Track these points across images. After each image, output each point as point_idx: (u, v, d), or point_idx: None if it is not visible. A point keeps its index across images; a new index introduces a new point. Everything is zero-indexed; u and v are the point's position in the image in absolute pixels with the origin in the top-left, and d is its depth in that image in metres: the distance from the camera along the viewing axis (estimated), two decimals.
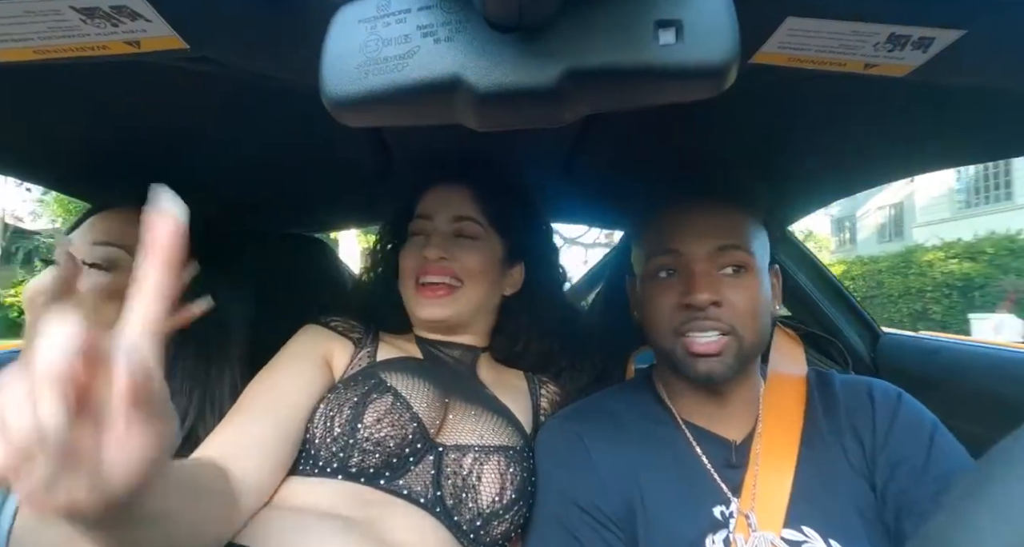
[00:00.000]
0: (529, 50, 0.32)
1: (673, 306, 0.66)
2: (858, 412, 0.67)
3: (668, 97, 0.35)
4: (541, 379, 0.88)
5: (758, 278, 0.66)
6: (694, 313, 0.65)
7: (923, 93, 0.59)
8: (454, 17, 0.33)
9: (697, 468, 0.67)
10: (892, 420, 0.65)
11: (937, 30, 0.41)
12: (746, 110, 0.67)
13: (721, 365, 0.65)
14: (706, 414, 0.70)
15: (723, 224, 0.67)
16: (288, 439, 0.65)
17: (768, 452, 0.67)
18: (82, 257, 0.70)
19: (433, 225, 0.81)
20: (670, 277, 0.68)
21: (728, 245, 0.66)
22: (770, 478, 0.65)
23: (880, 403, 0.67)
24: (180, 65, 0.48)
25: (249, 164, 0.89)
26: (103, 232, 0.73)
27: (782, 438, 0.68)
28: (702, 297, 0.64)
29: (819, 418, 0.68)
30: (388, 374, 0.73)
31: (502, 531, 0.67)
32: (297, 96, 0.49)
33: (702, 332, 0.65)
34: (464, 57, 0.33)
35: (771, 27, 0.41)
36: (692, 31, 0.32)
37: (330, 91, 0.34)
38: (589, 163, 0.91)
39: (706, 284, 0.64)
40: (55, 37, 0.41)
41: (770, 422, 0.69)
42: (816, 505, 0.62)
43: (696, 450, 0.69)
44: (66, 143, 0.78)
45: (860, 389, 0.70)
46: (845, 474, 0.64)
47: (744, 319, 0.65)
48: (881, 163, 0.86)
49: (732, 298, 0.65)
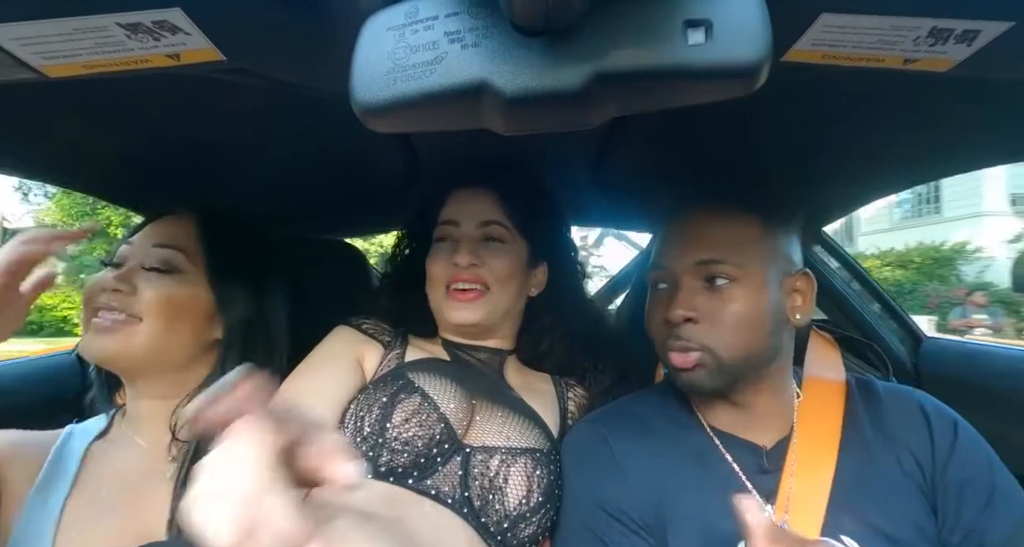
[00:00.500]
0: (556, 53, 0.32)
1: (660, 320, 0.67)
2: (911, 427, 0.65)
3: (698, 98, 0.35)
4: (568, 382, 0.87)
5: (753, 290, 0.64)
6: (671, 329, 0.65)
7: (966, 88, 0.56)
8: (481, 23, 0.33)
9: (727, 474, 0.66)
10: (952, 447, 0.63)
11: (982, 22, 0.39)
12: (777, 109, 0.65)
13: (700, 378, 0.64)
14: (733, 420, 0.69)
15: (712, 236, 0.65)
16: None
17: (804, 458, 0.65)
18: (142, 260, 0.73)
19: (461, 231, 0.82)
20: (662, 290, 0.69)
21: (708, 259, 0.64)
22: (806, 485, 0.63)
23: (936, 425, 0.65)
24: (216, 77, 0.50)
25: (280, 172, 0.91)
26: (162, 235, 0.76)
27: (819, 444, 0.66)
28: (676, 314, 0.64)
29: (863, 426, 0.66)
30: (416, 375, 0.74)
31: (529, 534, 0.67)
32: (327, 104, 0.51)
33: (677, 350, 0.65)
34: (491, 62, 0.33)
35: (804, 24, 0.40)
36: (722, 30, 0.31)
37: (360, 98, 0.35)
38: (615, 165, 0.90)
39: (684, 300, 0.64)
40: (102, 52, 0.43)
41: (805, 428, 0.67)
42: (857, 515, 0.60)
43: (726, 456, 0.67)
44: (110, 154, 0.82)
45: (910, 402, 0.67)
46: (899, 486, 0.62)
47: (722, 336, 0.63)
48: (920, 162, 0.83)
49: (713, 313, 0.63)
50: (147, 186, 0.97)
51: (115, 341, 0.69)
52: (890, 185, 0.95)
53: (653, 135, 0.76)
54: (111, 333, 0.69)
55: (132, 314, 0.69)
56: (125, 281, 0.70)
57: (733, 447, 0.68)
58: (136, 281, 0.71)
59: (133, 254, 0.74)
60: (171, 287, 0.72)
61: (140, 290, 0.71)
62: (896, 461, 0.63)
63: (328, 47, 0.42)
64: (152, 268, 0.72)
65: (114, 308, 0.69)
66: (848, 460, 0.64)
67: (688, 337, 0.64)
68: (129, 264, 0.73)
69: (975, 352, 1.13)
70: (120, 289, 0.70)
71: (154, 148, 0.80)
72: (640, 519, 0.64)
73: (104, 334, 0.69)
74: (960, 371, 1.10)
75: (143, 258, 0.73)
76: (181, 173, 0.91)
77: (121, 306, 0.69)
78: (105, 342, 0.69)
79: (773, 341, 0.66)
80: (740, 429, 0.69)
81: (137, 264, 0.73)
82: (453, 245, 0.81)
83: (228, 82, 0.52)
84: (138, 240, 0.76)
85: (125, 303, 0.69)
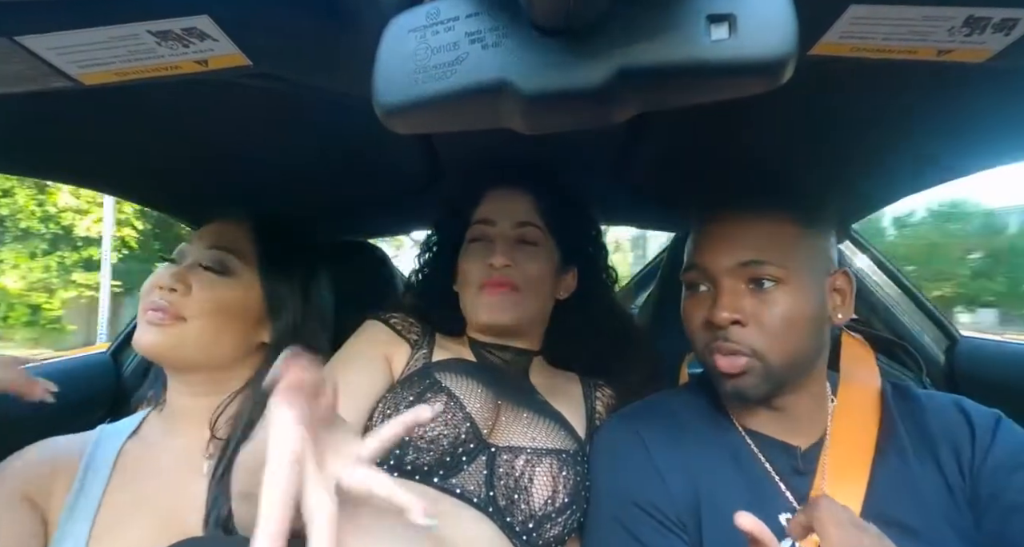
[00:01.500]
0: (577, 52, 0.32)
1: (701, 323, 0.65)
2: (955, 432, 0.63)
3: (722, 94, 0.34)
4: (596, 383, 0.87)
5: (798, 292, 0.62)
6: (716, 332, 0.63)
7: (1003, 79, 0.54)
8: (501, 23, 0.33)
9: (761, 474, 0.65)
10: (991, 445, 0.60)
11: (1021, 10, 0.38)
12: (804, 104, 0.64)
13: (748, 384, 0.62)
14: (767, 422, 0.68)
15: (752, 237, 0.63)
16: None
17: (837, 461, 0.63)
18: (197, 259, 0.76)
19: (497, 231, 0.82)
20: (700, 292, 0.66)
21: (753, 260, 0.62)
22: (840, 487, 0.61)
23: (980, 425, 0.62)
24: (242, 81, 0.51)
25: (303, 174, 0.93)
26: (217, 237, 0.78)
27: (854, 447, 0.64)
28: (722, 316, 0.61)
29: (899, 433, 0.64)
30: (442, 375, 0.74)
31: (555, 534, 0.67)
32: (349, 106, 0.51)
33: (724, 353, 0.62)
34: (512, 61, 0.33)
35: (832, 16, 0.39)
36: (746, 24, 0.31)
37: (382, 100, 0.35)
38: (639, 163, 0.89)
39: (729, 302, 0.62)
40: (134, 59, 0.44)
41: (840, 430, 0.66)
42: (892, 518, 0.58)
43: (759, 456, 0.66)
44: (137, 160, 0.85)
45: (947, 404, 0.65)
46: (938, 490, 0.60)
47: (770, 339, 0.61)
48: (955, 157, 0.80)
49: (760, 316, 0.61)
50: (176, 191, 1.00)
51: (166, 337, 0.71)
52: (921, 181, 0.92)
53: (676, 132, 0.75)
54: (161, 329, 0.71)
55: (181, 314, 0.71)
56: (180, 280, 0.73)
57: (767, 448, 0.66)
58: (191, 281, 0.73)
59: (190, 254, 0.77)
60: (223, 289, 0.74)
61: (194, 291, 0.73)
62: (937, 467, 0.61)
63: (351, 50, 0.43)
64: (207, 268, 0.75)
65: (165, 307, 0.71)
66: (884, 466, 0.62)
67: (736, 340, 0.62)
68: (186, 262, 0.76)
69: (1013, 351, 1.09)
70: (175, 288, 0.72)
71: (181, 154, 0.82)
72: (676, 517, 0.63)
73: (155, 329, 0.71)
74: (997, 372, 1.06)
75: (199, 258, 0.76)
76: (209, 178, 0.93)
77: (172, 305, 0.71)
78: (156, 337, 0.71)
79: (817, 343, 0.65)
80: (775, 430, 0.67)
81: (194, 262, 0.75)
82: (488, 245, 0.82)
83: (253, 86, 0.53)
84: (196, 240, 0.79)
85: (177, 302, 0.72)
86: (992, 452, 0.60)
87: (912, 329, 1.18)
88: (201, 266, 0.75)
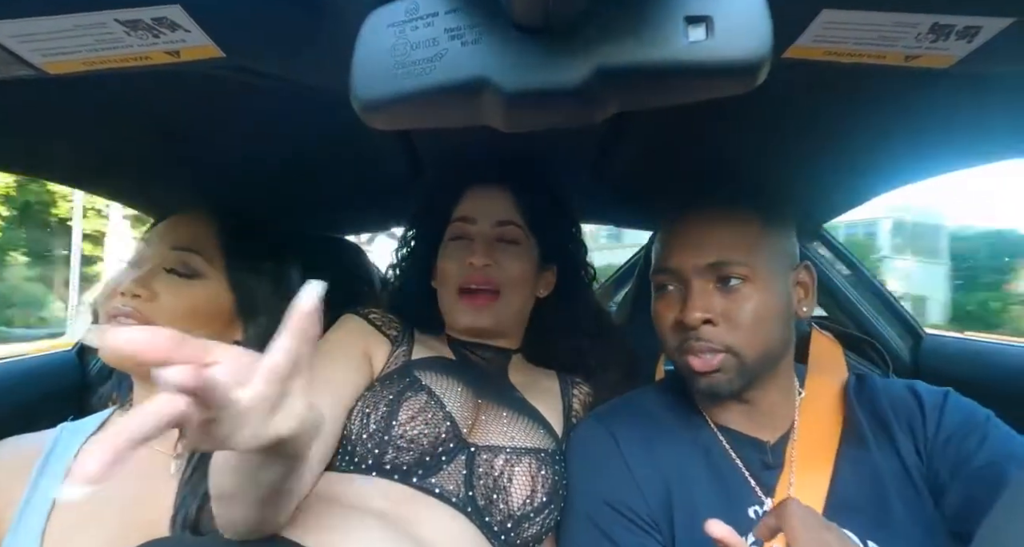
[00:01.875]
0: (556, 50, 0.32)
1: (672, 323, 0.66)
2: (908, 414, 0.65)
3: (699, 94, 0.35)
4: (573, 380, 0.87)
5: (764, 288, 0.64)
6: (688, 332, 0.64)
7: (967, 85, 0.56)
8: (481, 20, 0.33)
9: (731, 470, 0.66)
10: (941, 418, 0.63)
11: (983, 18, 0.39)
12: (778, 106, 0.65)
13: (723, 381, 0.64)
14: (738, 417, 0.69)
15: (719, 237, 0.65)
16: (330, 434, 0.67)
17: (804, 453, 0.66)
18: (160, 261, 0.71)
19: (476, 229, 0.82)
20: (669, 292, 0.68)
21: (721, 261, 0.64)
22: (806, 479, 0.64)
23: (929, 404, 0.65)
24: (216, 73, 0.50)
25: (279, 169, 0.91)
26: (179, 237, 0.74)
27: (819, 440, 0.66)
28: (694, 316, 0.63)
29: (861, 421, 0.66)
30: (422, 373, 0.74)
31: (533, 533, 0.67)
32: (327, 101, 0.51)
33: (698, 352, 0.64)
34: (491, 59, 0.33)
35: (805, 20, 0.40)
36: (723, 27, 0.31)
37: (360, 94, 0.35)
38: (617, 163, 0.90)
39: (699, 301, 0.63)
40: (101, 49, 0.43)
41: (806, 424, 0.68)
42: (858, 506, 0.61)
43: (730, 452, 0.68)
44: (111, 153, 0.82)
45: (904, 391, 0.68)
46: (898, 476, 0.62)
47: (743, 335, 0.63)
48: (921, 159, 0.83)
49: (730, 314, 0.63)
50: (148, 184, 0.97)
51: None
52: (888, 183, 0.95)
53: (654, 132, 0.76)
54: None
55: (149, 321, 0.68)
56: (144, 285, 0.69)
57: (738, 443, 0.68)
58: (155, 286, 0.69)
59: (151, 256, 0.73)
60: (191, 293, 0.71)
61: (161, 297, 0.69)
62: (895, 453, 0.63)
63: (328, 43, 0.42)
64: (171, 270, 0.71)
65: (130, 315, 0.67)
66: (846, 457, 0.64)
67: (709, 338, 0.63)
68: (147, 266, 0.72)
69: (976, 349, 1.13)
70: (139, 294, 0.68)
71: (154, 146, 0.80)
72: (647, 514, 0.64)
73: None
74: (962, 368, 1.10)
75: (161, 260, 0.72)
76: (182, 171, 0.91)
77: (138, 312, 0.68)
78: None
79: (785, 336, 0.67)
80: (745, 426, 0.69)
81: (156, 265, 0.71)
82: (467, 243, 0.81)
83: (228, 78, 0.52)
84: (154, 241, 0.74)
85: (143, 309, 0.68)
86: (943, 425, 0.62)
87: (879, 327, 1.22)
88: (164, 269, 0.71)
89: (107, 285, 0.71)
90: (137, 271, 0.71)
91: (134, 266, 0.73)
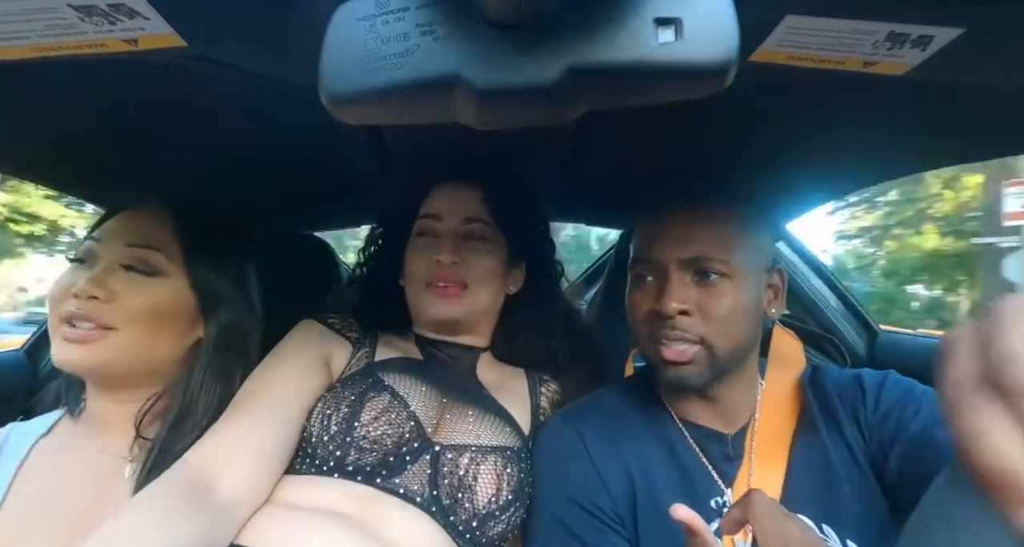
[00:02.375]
0: (529, 47, 0.32)
1: (647, 313, 0.67)
2: (852, 399, 0.68)
3: (667, 95, 0.35)
4: (542, 377, 0.88)
5: (739, 284, 0.66)
6: (663, 322, 0.65)
7: (922, 91, 0.59)
8: (453, 15, 0.33)
9: (694, 463, 0.68)
10: (879, 396, 0.66)
11: (936, 28, 0.41)
12: (745, 108, 0.67)
13: (692, 373, 0.65)
14: (702, 411, 0.71)
15: (702, 233, 0.66)
16: (287, 437, 0.65)
17: (762, 444, 0.68)
18: (116, 259, 0.68)
19: (443, 226, 0.81)
20: (647, 283, 0.69)
21: (702, 256, 0.65)
22: (764, 469, 0.66)
23: (869, 386, 0.68)
24: (179, 63, 0.48)
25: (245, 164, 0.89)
26: (136, 233, 0.70)
27: (776, 430, 0.69)
28: (671, 306, 0.64)
29: (814, 411, 0.69)
30: (386, 374, 0.73)
31: (498, 532, 0.67)
32: (295, 94, 0.49)
33: (672, 341, 0.65)
34: (463, 55, 0.33)
35: (770, 25, 0.41)
36: (692, 29, 0.32)
37: (329, 89, 0.34)
38: (588, 162, 0.91)
39: (677, 292, 0.65)
40: (52, 35, 0.41)
41: (765, 415, 0.70)
42: (811, 494, 0.63)
43: (692, 445, 0.69)
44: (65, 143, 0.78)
45: (850, 379, 0.71)
46: (846, 462, 0.64)
47: (717, 328, 0.65)
48: (879, 161, 0.86)
49: (706, 307, 0.65)
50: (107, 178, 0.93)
51: (94, 352, 0.64)
52: (850, 183, 0.98)
53: (623, 132, 0.77)
54: (86, 344, 0.64)
55: (108, 324, 0.65)
56: (101, 285, 0.65)
57: (700, 436, 0.70)
58: (113, 285, 0.66)
59: (105, 253, 0.69)
60: (152, 291, 0.68)
61: (121, 298, 0.65)
62: (843, 441, 0.66)
63: (296, 36, 0.41)
64: (129, 267, 0.68)
65: (86, 318, 0.64)
66: (801, 446, 0.67)
67: (684, 328, 0.65)
68: (102, 265, 0.67)
69: (928, 345, 1.19)
70: (96, 295, 0.64)
71: (113, 138, 0.77)
72: (614, 514, 0.65)
73: (80, 346, 0.64)
74: (914, 362, 1.15)
75: (117, 257, 0.68)
76: (142, 165, 0.88)
77: (95, 316, 0.64)
78: (83, 353, 0.64)
79: (754, 334, 0.69)
80: (707, 419, 0.71)
81: (112, 265, 0.67)
82: (434, 241, 0.80)
83: (192, 69, 0.50)
84: (107, 237, 0.70)
85: (101, 312, 0.64)
86: (881, 402, 0.65)
87: (838, 324, 1.27)
88: (122, 266, 0.68)
89: (56, 286, 0.67)
90: (89, 270, 0.67)
91: (85, 265, 0.69)
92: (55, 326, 0.65)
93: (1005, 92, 0.52)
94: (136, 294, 0.67)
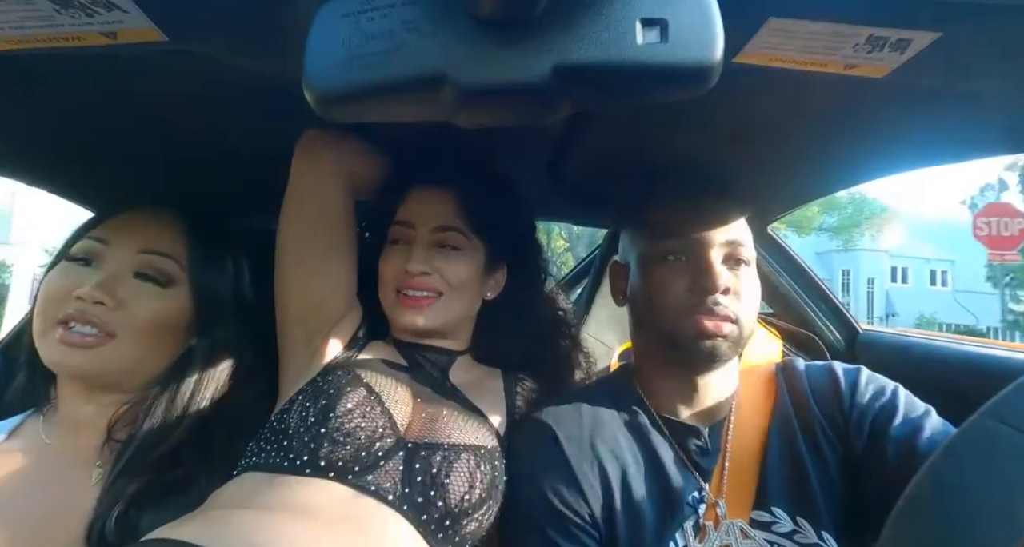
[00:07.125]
0: (515, 46, 0.32)
1: (684, 289, 0.69)
2: (825, 394, 0.70)
3: (652, 96, 0.36)
4: (518, 376, 0.87)
5: (755, 273, 0.71)
6: (706, 298, 0.67)
7: (901, 94, 0.60)
8: (439, 12, 0.33)
9: (671, 458, 0.69)
10: (854, 390, 0.68)
11: (913, 32, 0.42)
12: (728, 109, 0.68)
13: (724, 347, 0.68)
14: (680, 406, 0.72)
15: (731, 218, 0.71)
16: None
17: (738, 439, 0.70)
18: (128, 265, 0.65)
19: (415, 234, 0.80)
20: (679, 261, 0.70)
21: (736, 240, 0.70)
22: (739, 463, 0.68)
23: (844, 381, 0.70)
24: (159, 58, 0.47)
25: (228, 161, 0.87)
26: (148, 238, 0.68)
27: (751, 426, 0.70)
28: (721, 283, 0.67)
29: (787, 405, 0.70)
30: (364, 371, 0.73)
31: (471, 530, 0.67)
32: (278, 91, 0.49)
33: (714, 316, 0.67)
34: (449, 53, 0.32)
35: (753, 27, 0.41)
36: (676, 30, 0.32)
37: (314, 86, 0.34)
38: (572, 161, 0.91)
39: (722, 272, 0.68)
40: (27, 27, 0.40)
41: (740, 410, 0.72)
42: (786, 487, 0.65)
43: (670, 441, 0.71)
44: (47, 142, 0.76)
45: (823, 372, 0.73)
46: (821, 458, 0.66)
47: (747, 310, 0.69)
48: (859, 162, 0.87)
49: (738, 288, 0.69)
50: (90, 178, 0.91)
51: (94, 358, 0.62)
52: (831, 183, 1.00)
53: (608, 131, 0.77)
54: (88, 349, 0.62)
55: (111, 331, 0.62)
56: (110, 293, 0.62)
57: (677, 432, 0.71)
58: (122, 294, 0.63)
59: (114, 258, 0.66)
60: (164, 304, 0.66)
61: (128, 306, 0.63)
62: (820, 438, 0.67)
63: (280, 32, 0.41)
64: (144, 276, 0.65)
65: (89, 323, 0.61)
66: (777, 438, 0.68)
67: (726, 305, 0.67)
68: (110, 270, 0.65)
69: (907, 343, 1.21)
70: (103, 302, 0.62)
71: (95, 136, 0.75)
72: (589, 515, 0.66)
73: (83, 351, 0.61)
74: (893, 361, 1.17)
75: (130, 264, 0.66)
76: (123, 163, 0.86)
77: (99, 322, 0.62)
78: (87, 358, 0.62)
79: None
80: (685, 414, 0.72)
81: (122, 272, 0.65)
82: (406, 249, 0.80)
83: (172, 65, 0.49)
84: (116, 240, 0.67)
85: (105, 318, 0.62)
86: (855, 403, 0.67)
87: (818, 322, 1.29)
88: (134, 274, 0.65)
89: (53, 284, 0.64)
90: (93, 272, 0.64)
91: (89, 266, 0.66)
92: (47, 326, 0.63)
93: (982, 95, 0.53)
94: (144, 305, 0.65)
